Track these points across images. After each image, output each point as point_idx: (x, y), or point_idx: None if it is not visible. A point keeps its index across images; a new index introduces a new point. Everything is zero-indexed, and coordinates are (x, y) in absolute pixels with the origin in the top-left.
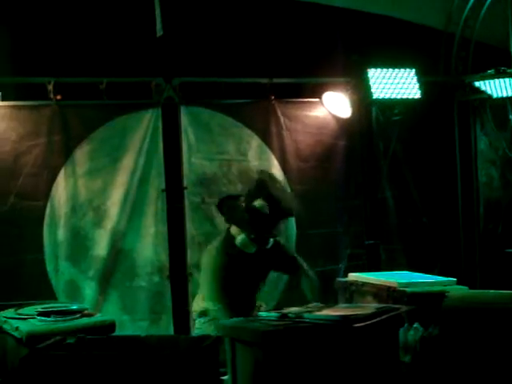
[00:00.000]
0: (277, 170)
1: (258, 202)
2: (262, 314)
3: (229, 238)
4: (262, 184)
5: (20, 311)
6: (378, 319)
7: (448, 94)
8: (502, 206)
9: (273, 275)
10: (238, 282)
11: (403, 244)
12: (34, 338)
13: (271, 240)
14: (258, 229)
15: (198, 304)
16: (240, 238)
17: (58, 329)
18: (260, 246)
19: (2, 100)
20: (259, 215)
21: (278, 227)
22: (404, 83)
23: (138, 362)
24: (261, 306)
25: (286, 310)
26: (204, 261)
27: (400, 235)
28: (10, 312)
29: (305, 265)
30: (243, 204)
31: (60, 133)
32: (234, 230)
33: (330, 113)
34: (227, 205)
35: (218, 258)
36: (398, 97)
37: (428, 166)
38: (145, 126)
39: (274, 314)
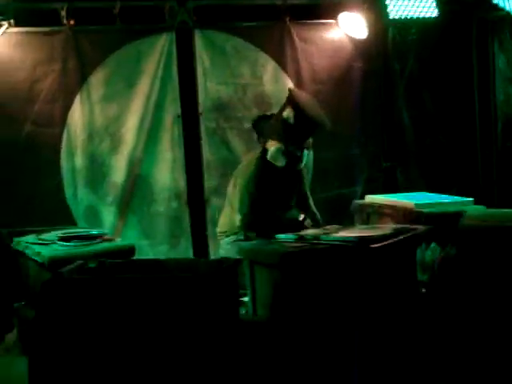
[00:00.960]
0: None
1: (285, 113)
2: (280, 236)
3: (262, 153)
4: (290, 94)
5: (41, 237)
6: (395, 240)
7: (466, 11)
8: None
9: None
10: (267, 197)
11: (420, 165)
12: (55, 263)
13: (304, 159)
14: (287, 140)
15: (224, 223)
16: (271, 150)
17: (79, 253)
18: (291, 162)
19: (15, 26)
20: (286, 125)
21: (307, 141)
22: (421, 1)
23: (159, 284)
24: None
25: (303, 233)
26: (237, 174)
27: (417, 156)
28: (31, 237)
29: (313, 205)
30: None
31: (74, 59)
32: (267, 145)
33: (346, 34)
34: (261, 122)
35: (252, 168)
36: (415, 16)
37: (445, 86)
38: (159, 50)
39: (291, 236)
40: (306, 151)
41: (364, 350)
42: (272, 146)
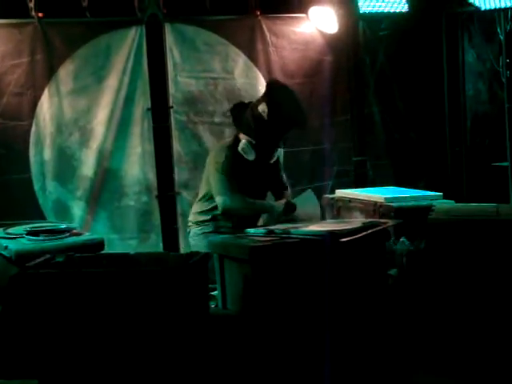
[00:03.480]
0: (263, 88)
1: (260, 107)
2: (250, 230)
3: (234, 143)
4: (268, 87)
5: (9, 231)
6: (364, 233)
7: (436, 6)
8: (490, 119)
9: None
10: (240, 184)
11: (390, 159)
12: (23, 257)
13: (276, 155)
14: (259, 135)
15: (195, 212)
16: (242, 142)
17: (47, 247)
18: (262, 156)
19: None
20: (260, 121)
21: (283, 139)
22: None
23: (127, 278)
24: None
25: (273, 227)
26: (210, 160)
27: (387, 151)
28: None
29: (289, 189)
30: (250, 109)
31: (43, 51)
32: (241, 135)
33: (317, 28)
34: (237, 110)
35: (224, 154)
36: (385, 10)
37: (415, 80)
38: (129, 44)
39: (261, 231)
40: (278, 149)
41: (335, 342)
42: (244, 139)
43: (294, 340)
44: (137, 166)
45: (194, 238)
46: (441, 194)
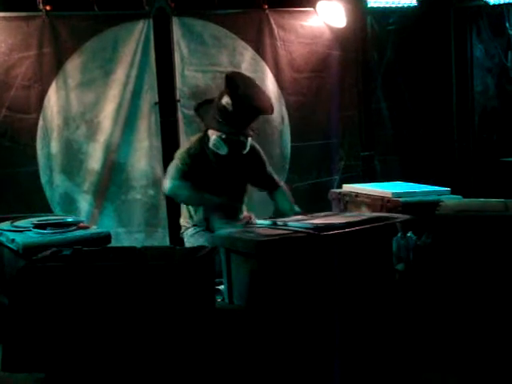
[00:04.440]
0: (271, 82)
1: (224, 100)
2: (257, 222)
3: (203, 137)
4: (228, 81)
5: (16, 224)
6: (368, 226)
7: (444, 1)
8: (498, 114)
9: None
10: (211, 183)
11: (398, 154)
12: (30, 250)
13: (248, 144)
14: (228, 128)
15: (184, 214)
16: (212, 138)
17: (54, 241)
18: (234, 148)
19: None
20: (226, 113)
21: (250, 126)
22: None
23: (133, 272)
24: (250, 217)
25: (278, 220)
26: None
27: (395, 146)
28: (5, 225)
29: (282, 183)
30: (215, 104)
31: (50, 45)
32: (210, 132)
33: (325, 22)
34: (203, 108)
35: (189, 146)
36: (394, 5)
37: (423, 76)
38: (136, 37)
39: (266, 223)
40: (249, 138)
41: (343, 337)
42: (213, 135)
43: (301, 335)
44: (144, 159)
45: (189, 240)
46: (448, 189)
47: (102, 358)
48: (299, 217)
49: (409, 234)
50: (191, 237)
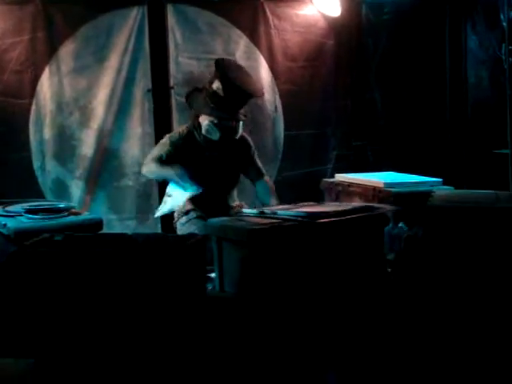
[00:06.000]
0: (265, 70)
1: (214, 85)
2: (245, 211)
3: (192, 125)
4: (218, 66)
5: (7, 209)
6: (362, 215)
7: None
8: (491, 106)
9: None
10: (205, 172)
11: (390, 145)
12: (21, 235)
13: (240, 129)
14: (219, 112)
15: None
16: (204, 124)
17: (46, 226)
18: (227, 133)
19: None
20: (217, 97)
21: (241, 111)
22: None
23: (124, 258)
24: (242, 205)
25: (266, 209)
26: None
27: (387, 136)
28: None
29: (266, 177)
30: (205, 90)
31: (44, 30)
32: (200, 119)
33: (319, 11)
34: (193, 95)
35: (176, 133)
36: None
37: (417, 66)
38: (130, 24)
39: (254, 212)
40: (240, 122)
41: (334, 325)
42: (205, 120)
43: (292, 323)
44: (137, 146)
45: (181, 228)
46: (440, 180)
47: (92, 344)
48: (286, 206)
49: (400, 225)
50: (183, 225)
